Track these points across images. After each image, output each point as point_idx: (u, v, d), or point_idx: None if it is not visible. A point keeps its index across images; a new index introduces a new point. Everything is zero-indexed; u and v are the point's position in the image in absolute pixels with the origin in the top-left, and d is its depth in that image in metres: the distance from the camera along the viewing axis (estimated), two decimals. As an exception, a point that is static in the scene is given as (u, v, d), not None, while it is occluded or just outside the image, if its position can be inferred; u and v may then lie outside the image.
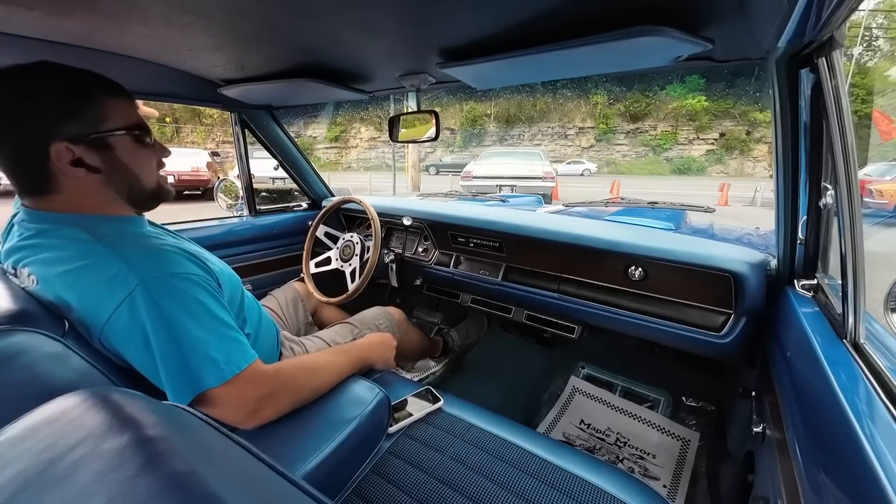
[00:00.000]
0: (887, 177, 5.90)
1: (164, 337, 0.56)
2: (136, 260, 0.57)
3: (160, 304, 0.56)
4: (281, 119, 1.58)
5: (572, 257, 1.16)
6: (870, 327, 0.59)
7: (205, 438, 0.34)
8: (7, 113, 0.55)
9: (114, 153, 0.61)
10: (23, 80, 0.56)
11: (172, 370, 0.56)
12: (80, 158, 0.58)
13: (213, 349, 0.58)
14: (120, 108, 0.62)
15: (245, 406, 0.61)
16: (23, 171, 0.58)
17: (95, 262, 0.57)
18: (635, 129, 21.99)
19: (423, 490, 0.70)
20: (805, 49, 0.61)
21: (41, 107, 0.56)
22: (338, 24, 0.71)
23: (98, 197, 0.62)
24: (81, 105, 0.58)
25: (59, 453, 0.26)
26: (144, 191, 0.67)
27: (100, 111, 0.59)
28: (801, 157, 0.73)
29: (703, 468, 1.17)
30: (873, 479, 0.35)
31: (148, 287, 0.55)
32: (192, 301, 0.58)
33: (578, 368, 1.55)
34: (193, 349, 0.57)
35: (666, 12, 0.61)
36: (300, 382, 0.70)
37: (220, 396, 0.58)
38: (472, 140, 23.62)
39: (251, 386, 0.61)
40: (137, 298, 0.55)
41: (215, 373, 0.58)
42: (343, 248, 1.46)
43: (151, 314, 0.55)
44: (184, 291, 0.58)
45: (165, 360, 0.56)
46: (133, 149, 0.63)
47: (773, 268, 0.91)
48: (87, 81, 0.59)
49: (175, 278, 0.58)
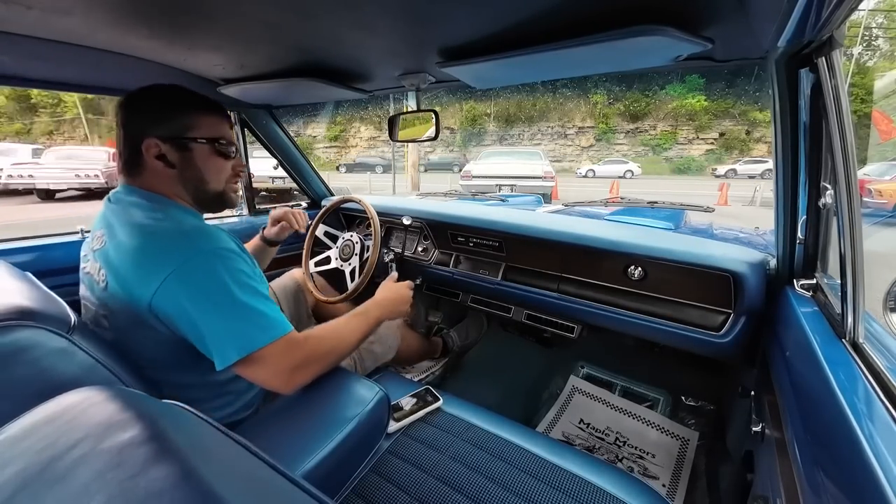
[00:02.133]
0: (886, 176, 5.90)
1: (217, 300, 0.64)
2: (194, 233, 0.68)
3: (215, 271, 0.65)
4: (280, 118, 1.58)
5: (572, 257, 1.16)
6: (869, 327, 0.59)
7: (205, 437, 0.34)
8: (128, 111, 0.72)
9: (191, 155, 0.74)
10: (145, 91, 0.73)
11: (222, 330, 0.63)
12: (164, 154, 0.71)
13: (259, 315, 0.66)
14: (210, 122, 0.76)
15: (285, 369, 0.68)
16: (127, 151, 0.73)
17: (159, 230, 0.67)
18: (635, 128, 22.00)
19: (422, 489, 0.70)
20: (805, 49, 0.61)
21: (143, 111, 0.72)
22: (337, 23, 0.71)
23: (170, 187, 0.74)
24: (175, 114, 0.73)
25: (59, 452, 0.26)
26: (208, 193, 0.78)
27: (190, 122, 0.73)
28: (801, 157, 0.73)
29: (703, 467, 1.18)
30: (872, 478, 0.35)
31: (204, 255, 0.65)
32: (240, 273, 0.67)
33: (578, 368, 1.55)
34: (243, 312, 0.65)
35: (666, 12, 0.61)
36: (328, 347, 0.77)
37: (265, 358, 0.65)
38: (472, 139, 23.61)
39: (290, 351, 0.69)
40: (194, 264, 0.64)
41: (262, 335, 0.65)
42: (343, 247, 1.46)
43: (206, 279, 0.64)
44: (234, 264, 0.67)
45: (217, 321, 0.63)
46: (209, 156, 0.76)
47: (773, 267, 0.91)
48: (186, 98, 0.74)
49: (227, 252, 0.68)
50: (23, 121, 24.90)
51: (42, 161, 9.36)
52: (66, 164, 9.11)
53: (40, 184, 9.04)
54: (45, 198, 9.34)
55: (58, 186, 9.13)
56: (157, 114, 0.71)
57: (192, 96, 0.75)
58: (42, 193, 9.27)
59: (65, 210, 8.24)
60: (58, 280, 1.10)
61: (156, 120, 0.71)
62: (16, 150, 10.36)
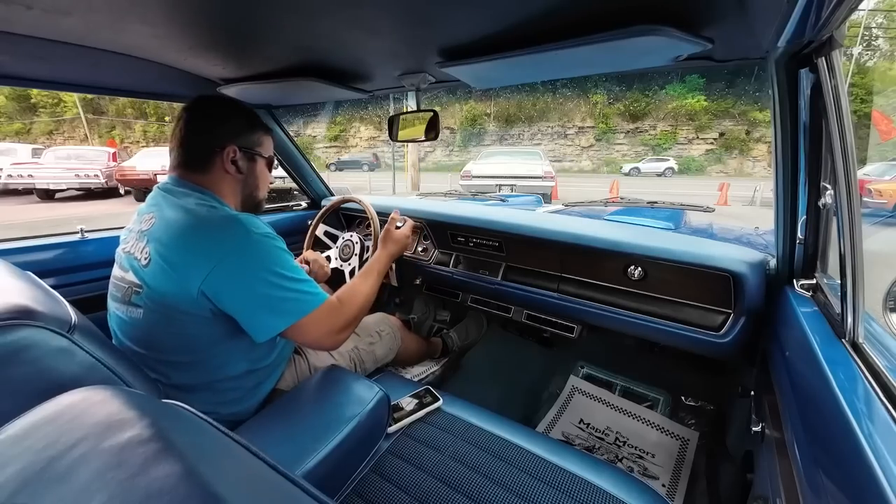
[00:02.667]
0: (886, 176, 5.91)
1: (272, 275, 0.72)
2: (244, 220, 0.75)
3: (269, 251, 0.74)
4: (280, 118, 1.58)
5: (572, 257, 1.16)
6: (868, 327, 0.59)
7: (205, 437, 0.34)
8: (212, 117, 0.84)
9: (255, 167, 0.89)
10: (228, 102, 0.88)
11: (273, 302, 0.72)
12: (237, 160, 0.84)
13: (307, 284, 0.77)
14: (269, 143, 0.92)
15: (332, 330, 0.80)
16: (198, 151, 0.82)
17: (212, 217, 0.74)
18: (635, 128, 21.99)
19: (422, 489, 0.70)
20: (805, 49, 0.61)
21: (232, 121, 0.85)
22: (337, 23, 0.71)
23: (227, 189, 0.85)
24: (255, 130, 0.88)
25: (59, 451, 0.26)
26: (256, 198, 0.92)
27: (260, 139, 0.89)
28: (801, 157, 0.73)
29: (703, 467, 1.18)
30: (872, 478, 0.35)
31: (258, 237, 0.74)
32: (283, 253, 0.77)
33: (578, 368, 1.55)
34: (294, 284, 0.75)
35: (665, 12, 0.61)
36: (359, 305, 0.90)
37: (314, 322, 0.76)
38: (472, 139, 23.61)
39: (333, 314, 0.80)
40: (247, 246, 0.72)
41: (311, 301, 0.76)
42: (342, 247, 1.46)
43: (262, 257, 0.73)
44: (280, 245, 0.77)
45: (269, 294, 0.72)
46: (264, 170, 0.92)
47: (773, 267, 0.91)
48: (259, 121, 0.90)
49: (271, 236, 0.77)
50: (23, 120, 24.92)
51: (42, 161, 9.37)
52: (65, 164, 9.13)
53: (40, 184, 9.03)
54: (45, 198, 9.34)
55: (57, 186, 9.13)
56: (241, 127, 0.85)
57: (260, 119, 0.90)
58: (42, 193, 9.28)
59: (65, 210, 8.25)
60: (58, 279, 1.10)
61: (239, 132, 0.84)
62: (15, 149, 10.37)
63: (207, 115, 0.83)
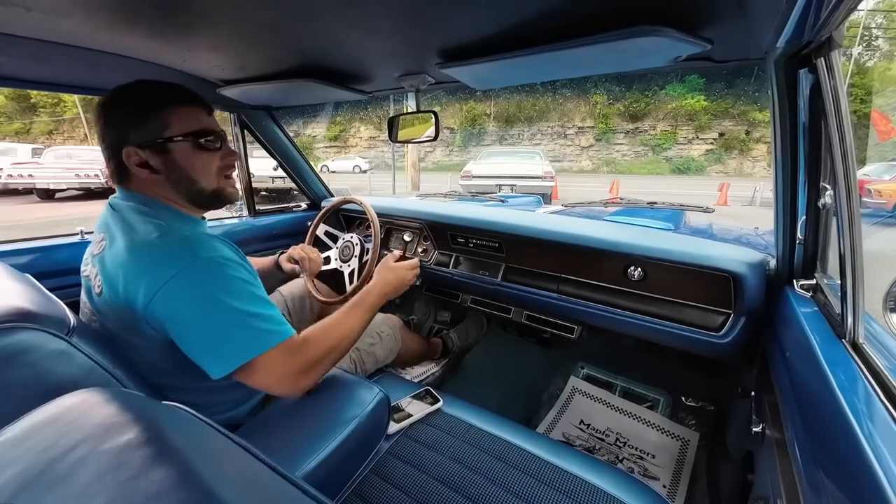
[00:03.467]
0: (886, 176, 5.91)
1: (216, 307, 0.62)
2: (192, 241, 0.65)
3: (214, 279, 0.63)
4: (280, 119, 1.58)
5: (572, 257, 1.16)
6: (868, 327, 0.59)
7: (204, 439, 0.34)
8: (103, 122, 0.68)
9: (173, 157, 0.69)
10: (113, 96, 0.68)
11: (222, 337, 0.62)
12: (146, 161, 0.68)
13: (259, 320, 0.65)
14: (184, 115, 0.69)
15: (290, 374, 0.67)
16: (109, 163, 0.70)
17: (156, 237, 0.64)
18: (634, 128, 21.99)
19: (422, 490, 0.70)
20: (804, 49, 0.61)
21: (117, 118, 0.67)
22: (337, 24, 0.71)
23: (163, 191, 0.71)
24: (147, 116, 0.67)
25: (59, 453, 0.26)
26: (203, 192, 0.73)
27: (163, 120, 0.67)
28: (800, 157, 0.74)
29: (703, 468, 1.17)
30: (872, 478, 0.35)
31: (203, 263, 0.63)
32: (237, 280, 0.65)
33: (578, 368, 1.55)
34: (243, 319, 0.63)
35: (665, 13, 0.61)
36: (329, 346, 0.74)
37: (267, 364, 0.64)
38: (472, 139, 23.61)
39: (293, 355, 0.67)
40: (192, 272, 0.62)
41: (263, 340, 0.64)
42: (342, 248, 1.46)
43: (204, 286, 0.62)
44: (232, 271, 0.65)
45: (216, 328, 0.62)
46: (191, 153, 0.70)
47: (772, 268, 0.91)
48: (157, 93, 0.69)
49: (225, 260, 0.66)
50: (22, 120, 24.93)
51: (42, 161, 9.36)
52: (65, 163, 9.11)
53: (40, 184, 9.03)
54: (45, 197, 9.33)
55: (58, 186, 9.12)
56: (129, 119, 0.67)
57: (160, 90, 0.69)
58: (42, 193, 9.27)
59: (66, 210, 8.24)
60: (57, 282, 1.10)
61: (129, 126, 0.67)
62: (15, 149, 10.36)
63: (100, 119, 0.68)
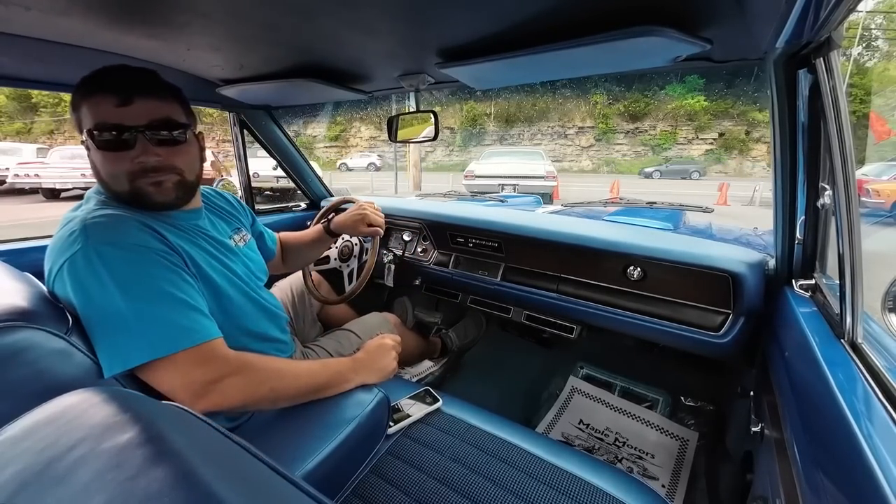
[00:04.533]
0: (884, 176, 5.94)
1: (101, 301, 0.56)
2: (93, 225, 0.59)
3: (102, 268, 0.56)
4: (280, 118, 1.58)
5: (571, 257, 1.16)
6: (867, 327, 0.59)
7: (204, 438, 0.34)
8: None
9: (90, 154, 0.65)
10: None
11: (107, 336, 0.55)
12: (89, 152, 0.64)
13: (161, 322, 0.57)
14: (90, 107, 0.62)
15: (191, 386, 0.58)
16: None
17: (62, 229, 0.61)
18: (635, 128, 22.01)
19: (422, 490, 0.70)
20: (803, 49, 0.61)
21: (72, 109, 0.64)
22: (336, 23, 0.71)
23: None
24: (73, 111, 0.64)
25: (58, 453, 0.26)
26: (118, 195, 0.66)
27: (80, 115, 0.63)
28: (800, 158, 0.74)
29: (702, 468, 1.18)
30: (871, 478, 0.35)
31: (93, 250, 0.57)
32: (143, 273, 0.59)
33: (577, 368, 1.55)
34: (137, 319, 0.56)
35: (664, 13, 0.61)
36: (262, 378, 0.65)
37: (165, 370, 0.57)
38: (472, 139, 23.62)
39: (199, 366, 0.59)
40: (80, 259, 0.56)
41: (160, 344, 0.56)
42: (342, 248, 1.46)
43: (88, 278, 0.56)
44: (134, 262, 0.58)
45: (103, 325, 0.56)
46: (94, 152, 0.64)
47: (772, 268, 0.91)
48: (82, 83, 0.63)
49: (128, 246, 0.59)
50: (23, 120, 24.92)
51: (48, 161, 9.46)
52: (71, 163, 9.18)
53: (46, 183, 9.12)
54: (51, 197, 9.43)
55: (63, 186, 9.21)
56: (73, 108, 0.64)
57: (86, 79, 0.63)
58: (47, 193, 9.37)
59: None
60: None
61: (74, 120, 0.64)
62: (20, 149, 10.50)
63: None
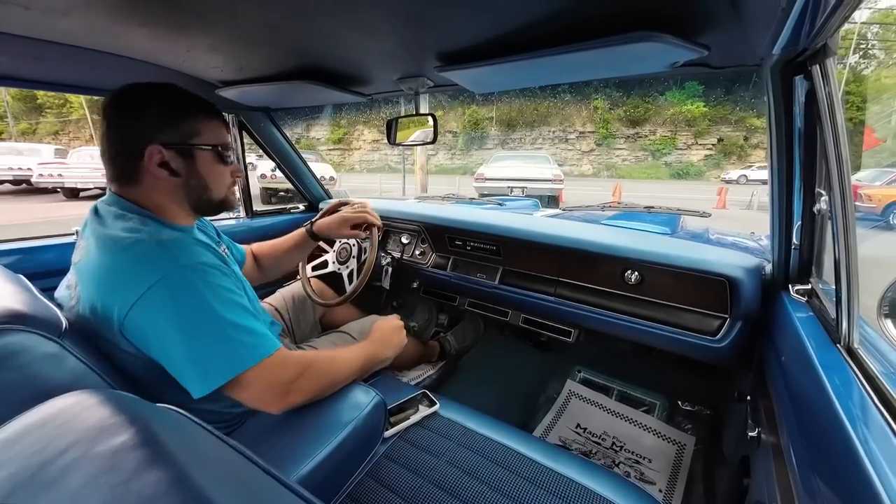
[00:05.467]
0: (877, 182, 6.03)
1: (199, 319, 0.60)
2: (172, 247, 0.63)
3: (195, 288, 0.61)
4: (281, 121, 1.59)
5: (569, 261, 1.16)
6: (863, 332, 0.59)
7: (199, 442, 0.34)
8: (125, 115, 0.67)
9: (195, 163, 0.71)
10: (146, 89, 0.68)
11: (202, 354, 0.59)
12: (167, 161, 0.68)
13: (245, 333, 0.63)
14: (212, 127, 0.72)
15: (275, 388, 0.65)
16: (120, 160, 0.68)
17: (134, 244, 0.62)
18: (635, 133, 22.10)
19: (418, 494, 0.70)
20: (799, 56, 0.62)
21: (147, 114, 0.67)
22: (336, 26, 0.71)
23: (167, 198, 0.71)
24: (181, 118, 0.69)
25: (50, 456, 0.26)
26: (212, 201, 0.75)
27: (194, 127, 0.70)
28: (796, 163, 0.74)
29: (699, 472, 1.17)
30: (867, 483, 0.35)
31: (183, 271, 0.61)
32: (222, 289, 0.63)
33: (575, 372, 1.55)
34: (226, 333, 0.61)
35: (662, 19, 0.62)
36: (324, 369, 0.73)
37: (252, 379, 0.62)
38: (474, 143, 23.68)
39: (281, 369, 0.66)
40: (171, 281, 0.59)
41: (249, 355, 0.62)
42: (339, 251, 1.46)
43: (186, 297, 0.60)
44: (214, 279, 0.63)
45: (196, 344, 0.59)
46: (212, 163, 0.73)
47: (768, 272, 0.92)
48: (190, 99, 0.71)
49: (207, 266, 0.64)
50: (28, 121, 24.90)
51: (68, 161, 9.78)
52: (91, 163, 9.38)
53: (69, 183, 9.39)
54: (71, 196, 9.72)
55: (85, 186, 9.47)
56: (160, 118, 0.67)
57: (195, 100, 0.72)
58: (68, 192, 9.69)
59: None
60: (51, 282, 1.09)
61: (159, 125, 0.67)
62: (39, 150, 10.91)
63: (121, 111, 0.67)
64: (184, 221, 0.75)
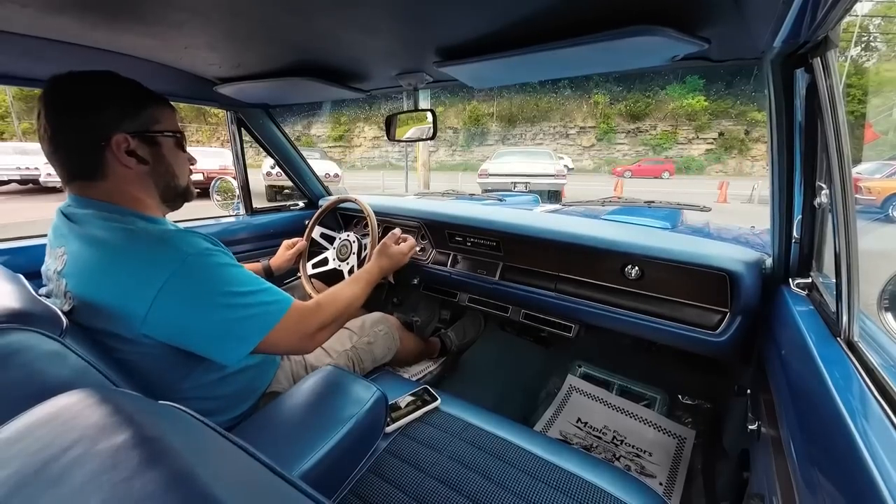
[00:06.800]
0: (877, 175, 6.05)
1: (217, 300, 0.64)
2: (171, 240, 0.64)
3: (207, 272, 0.65)
4: (281, 118, 1.58)
5: (569, 256, 1.16)
6: (863, 325, 0.59)
7: (201, 438, 0.34)
8: (77, 109, 0.65)
9: (160, 150, 0.72)
10: (95, 80, 0.66)
11: (227, 329, 0.65)
12: (134, 150, 0.68)
13: (263, 294, 0.70)
14: (167, 115, 0.74)
15: (301, 332, 0.74)
16: (79, 154, 0.66)
17: (130, 244, 0.63)
18: (635, 128, 22.04)
19: (420, 489, 0.70)
20: (800, 49, 0.61)
21: (105, 105, 0.66)
22: (334, 22, 0.71)
23: (138, 188, 0.71)
24: (139, 108, 0.69)
25: (53, 454, 0.26)
26: (178, 188, 0.77)
27: (153, 115, 0.71)
28: (797, 157, 0.74)
29: (699, 466, 1.18)
30: (867, 476, 0.35)
31: (191, 261, 0.63)
32: (227, 267, 0.68)
33: (575, 367, 1.56)
34: (248, 300, 0.67)
35: (662, 12, 0.61)
36: (331, 300, 0.83)
37: (282, 331, 0.70)
38: (475, 139, 23.61)
39: (300, 314, 0.74)
40: (185, 272, 0.62)
41: (274, 311, 0.70)
42: (340, 247, 1.46)
43: (203, 282, 0.64)
44: (218, 261, 0.67)
45: (226, 315, 0.64)
46: (174, 149, 0.75)
47: (769, 266, 0.91)
48: (143, 91, 0.71)
49: (208, 252, 0.67)
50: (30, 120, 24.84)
51: None
52: None
53: None
54: None
55: None
56: (124, 107, 0.67)
57: (144, 88, 0.71)
58: None
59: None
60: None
61: (121, 115, 0.66)
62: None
63: (74, 103, 0.64)
64: (158, 214, 0.75)
